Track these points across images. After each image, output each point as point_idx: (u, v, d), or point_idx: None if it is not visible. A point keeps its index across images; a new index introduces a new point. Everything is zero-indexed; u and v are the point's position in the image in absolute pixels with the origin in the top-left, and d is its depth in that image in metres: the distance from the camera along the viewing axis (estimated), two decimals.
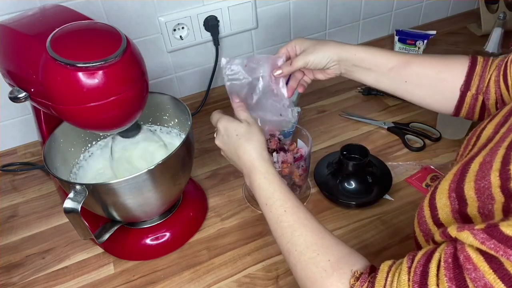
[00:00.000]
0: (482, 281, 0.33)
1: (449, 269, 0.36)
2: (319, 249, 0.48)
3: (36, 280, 0.73)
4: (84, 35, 0.57)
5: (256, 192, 0.57)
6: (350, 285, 0.44)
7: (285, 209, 0.53)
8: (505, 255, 0.32)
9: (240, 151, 0.60)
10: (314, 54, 0.71)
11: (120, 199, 0.63)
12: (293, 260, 0.50)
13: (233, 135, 0.61)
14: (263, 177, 0.57)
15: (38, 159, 0.98)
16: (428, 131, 0.92)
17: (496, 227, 0.33)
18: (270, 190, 0.56)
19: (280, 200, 0.54)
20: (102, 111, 0.56)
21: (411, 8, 1.26)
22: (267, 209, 0.55)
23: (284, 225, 0.52)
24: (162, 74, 1.07)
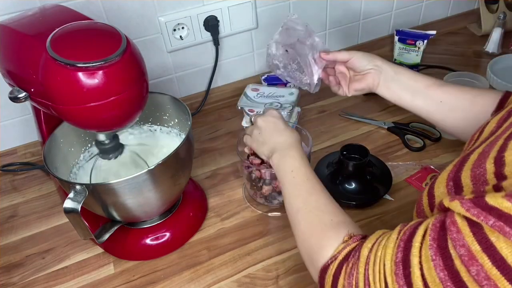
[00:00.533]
0: (461, 242, 0.36)
1: (435, 230, 0.39)
2: (326, 211, 0.55)
3: (36, 280, 0.73)
4: (84, 35, 0.57)
5: (286, 162, 0.63)
6: (343, 240, 0.50)
7: (307, 178, 0.60)
8: (485, 220, 0.34)
9: (278, 129, 0.68)
10: (360, 53, 0.78)
11: (120, 199, 0.63)
12: (300, 217, 0.56)
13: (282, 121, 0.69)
14: (298, 152, 0.63)
15: (38, 159, 0.98)
16: (428, 131, 0.92)
17: (482, 198, 0.35)
18: (299, 161, 0.62)
19: (305, 171, 0.61)
20: (102, 111, 0.56)
21: (411, 8, 1.26)
22: (290, 175, 0.61)
23: (302, 188, 0.59)
24: (162, 74, 1.07)
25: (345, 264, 0.47)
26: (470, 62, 1.15)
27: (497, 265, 0.33)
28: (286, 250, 0.73)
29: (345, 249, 0.48)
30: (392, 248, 0.43)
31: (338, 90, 0.82)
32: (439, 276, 0.37)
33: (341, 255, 0.48)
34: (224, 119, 1.04)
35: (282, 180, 0.62)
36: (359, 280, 0.44)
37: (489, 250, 0.34)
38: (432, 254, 0.38)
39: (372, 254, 0.45)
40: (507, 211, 0.33)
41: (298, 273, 0.69)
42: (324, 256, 0.50)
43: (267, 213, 0.79)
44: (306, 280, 0.68)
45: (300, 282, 0.68)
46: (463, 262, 0.35)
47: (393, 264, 0.42)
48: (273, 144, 0.66)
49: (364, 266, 0.44)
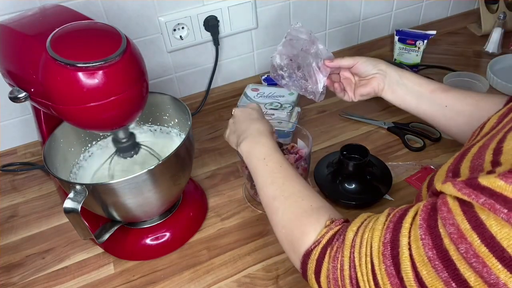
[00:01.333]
0: (451, 220, 0.36)
1: (426, 211, 0.39)
2: (304, 197, 0.54)
3: (36, 280, 0.73)
4: (84, 35, 0.57)
5: (256, 149, 0.62)
6: (325, 224, 0.49)
7: (281, 165, 0.59)
8: (476, 199, 0.34)
9: (252, 118, 0.68)
10: (364, 58, 0.78)
11: (120, 199, 0.63)
12: (278, 204, 0.55)
13: (256, 111, 0.70)
14: (270, 141, 0.63)
15: (38, 159, 0.98)
16: (428, 131, 0.92)
17: (475, 179, 0.35)
18: (271, 149, 0.61)
19: (278, 158, 0.60)
20: (102, 111, 0.56)
21: (411, 8, 1.26)
22: (263, 162, 0.60)
23: (277, 175, 0.58)
24: (162, 74, 1.07)
25: (329, 248, 0.47)
26: (470, 62, 1.15)
27: (486, 242, 0.33)
28: None
29: (328, 233, 0.48)
30: (380, 230, 0.43)
31: (343, 96, 0.82)
32: (427, 255, 0.37)
33: (324, 239, 0.48)
34: (224, 119, 1.04)
35: (254, 168, 0.61)
36: (344, 263, 0.44)
37: (478, 228, 0.34)
38: (422, 233, 0.38)
39: (358, 236, 0.45)
40: (498, 190, 0.33)
41: (298, 273, 0.69)
42: (306, 242, 0.49)
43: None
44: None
45: (300, 282, 0.68)
46: (452, 240, 0.35)
47: (381, 244, 0.42)
48: (242, 131, 0.66)
49: (350, 249, 0.44)
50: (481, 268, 0.33)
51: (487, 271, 0.33)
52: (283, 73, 0.82)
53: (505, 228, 0.32)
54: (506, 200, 0.32)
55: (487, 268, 0.33)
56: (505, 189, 0.33)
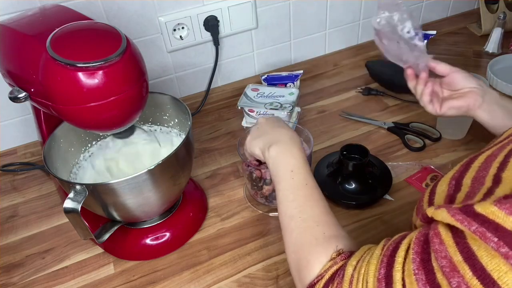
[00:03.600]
0: (443, 253, 0.35)
1: (419, 244, 0.38)
2: (320, 222, 0.53)
3: (36, 280, 0.73)
4: (84, 35, 0.57)
5: (286, 158, 0.60)
6: (331, 257, 0.48)
7: (306, 183, 0.57)
8: (468, 226, 0.33)
9: (281, 125, 0.66)
10: (462, 70, 0.73)
11: (120, 199, 0.63)
12: (294, 225, 0.54)
13: (282, 121, 0.69)
14: (301, 152, 0.60)
15: (38, 159, 0.98)
16: (428, 131, 0.92)
17: (471, 206, 0.34)
18: (300, 162, 0.59)
19: (305, 174, 0.58)
20: (102, 111, 0.56)
21: (411, 8, 1.26)
22: (290, 175, 0.58)
23: (300, 193, 0.56)
24: (162, 74, 1.07)
25: (331, 284, 0.46)
26: (470, 62, 1.15)
27: (478, 274, 0.32)
28: None
29: (332, 268, 0.47)
30: (375, 265, 0.42)
31: (427, 105, 0.75)
32: None
33: (327, 274, 0.47)
34: (224, 119, 1.04)
35: (278, 177, 0.59)
36: None
37: (470, 260, 0.33)
38: (415, 268, 0.37)
39: (356, 272, 0.44)
40: (491, 217, 0.32)
41: None
42: (311, 273, 0.48)
43: (267, 213, 0.79)
44: None
45: None
46: (445, 274, 0.34)
47: (375, 280, 0.41)
48: (272, 136, 0.63)
49: (348, 285, 0.43)
50: None
51: None
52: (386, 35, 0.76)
53: (495, 258, 0.31)
54: (497, 228, 0.31)
55: None
56: (497, 215, 0.31)
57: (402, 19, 0.72)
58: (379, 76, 1.08)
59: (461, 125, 0.90)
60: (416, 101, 1.01)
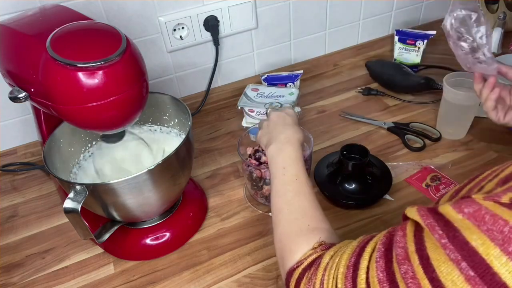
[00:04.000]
0: (401, 244, 0.38)
1: (388, 236, 0.41)
2: (306, 215, 0.55)
3: (36, 280, 0.73)
4: (84, 35, 0.57)
5: (280, 156, 0.63)
6: (313, 246, 0.51)
7: (297, 178, 0.59)
8: (425, 220, 0.36)
9: (286, 123, 0.68)
10: None
11: (120, 199, 0.63)
12: (281, 217, 0.57)
13: (291, 118, 0.70)
14: (295, 150, 0.63)
15: (38, 159, 0.98)
16: (428, 131, 0.92)
17: (436, 207, 0.37)
18: (292, 159, 0.62)
19: (296, 170, 0.60)
20: (102, 111, 0.56)
21: (411, 8, 1.26)
22: (281, 171, 0.61)
23: (289, 188, 0.59)
24: (162, 74, 1.07)
25: (308, 270, 0.48)
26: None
27: (423, 264, 0.35)
28: None
29: (312, 256, 0.49)
30: (349, 254, 0.44)
31: (490, 111, 0.73)
32: (378, 277, 0.38)
33: (307, 261, 0.49)
34: (224, 119, 1.04)
35: (272, 174, 0.62)
36: (315, 285, 0.46)
37: (420, 251, 0.35)
38: (378, 256, 0.40)
39: (331, 260, 0.46)
40: (446, 215, 0.35)
41: None
42: (293, 260, 0.51)
43: (267, 213, 0.79)
44: None
45: None
46: (397, 261, 0.37)
47: (345, 268, 0.43)
48: (273, 135, 0.66)
49: (322, 272, 0.46)
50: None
51: None
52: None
53: (437, 249, 0.34)
54: (446, 223, 0.34)
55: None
56: (450, 214, 0.34)
57: (478, 22, 0.71)
58: (379, 76, 1.08)
59: (461, 125, 0.90)
60: (416, 101, 1.02)
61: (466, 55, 0.75)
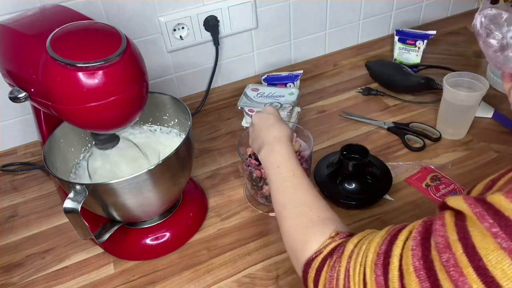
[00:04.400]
0: (441, 232, 0.37)
1: (424, 225, 0.40)
2: (313, 207, 0.55)
3: (36, 280, 0.73)
4: (84, 35, 0.57)
5: (272, 157, 0.62)
6: (330, 235, 0.50)
7: (294, 174, 0.59)
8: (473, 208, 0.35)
9: (269, 123, 0.67)
10: None
11: (120, 199, 0.63)
12: (286, 213, 0.56)
13: (273, 116, 0.68)
14: (285, 147, 0.62)
15: (38, 159, 0.98)
16: (428, 131, 0.92)
17: (484, 196, 0.36)
18: (285, 157, 0.61)
19: (291, 166, 0.60)
20: (102, 111, 0.56)
21: (411, 8, 1.26)
22: (277, 171, 0.60)
23: (288, 184, 0.58)
24: (162, 74, 1.07)
25: (329, 259, 0.47)
26: (470, 62, 1.15)
27: (467, 252, 0.34)
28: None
29: (331, 244, 0.48)
30: (377, 242, 0.44)
31: None
32: (414, 265, 0.38)
33: (326, 250, 0.48)
34: (224, 119, 1.04)
35: (269, 176, 0.61)
36: (340, 272, 0.45)
37: (464, 239, 0.35)
38: (414, 244, 0.39)
39: (357, 248, 0.45)
40: (496, 205, 0.34)
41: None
42: (309, 251, 0.50)
43: (267, 213, 0.79)
44: None
45: (300, 282, 0.67)
46: (437, 249, 0.36)
47: (375, 255, 0.42)
48: (261, 139, 0.66)
49: (347, 259, 0.45)
50: (458, 277, 0.34)
51: (463, 280, 0.34)
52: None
53: (486, 238, 0.33)
54: (497, 212, 0.34)
55: (463, 278, 0.34)
56: (501, 204, 0.34)
57: (510, 21, 0.70)
58: (379, 76, 1.08)
59: (461, 125, 0.90)
60: (416, 101, 1.02)
61: (496, 53, 0.73)
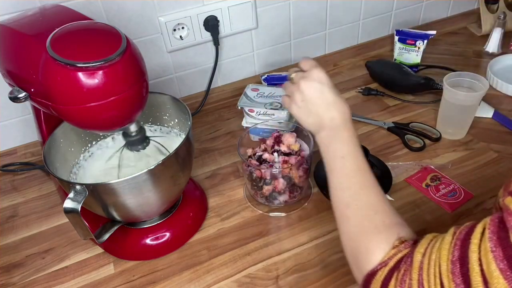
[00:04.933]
0: None
1: (494, 225, 0.39)
2: (378, 210, 0.52)
3: (36, 280, 0.73)
4: (84, 35, 0.57)
5: (335, 144, 0.58)
6: (393, 245, 0.48)
7: (359, 168, 0.56)
8: None
9: (334, 104, 0.60)
10: None
11: (120, 199, 0.63)
12: (349, 213, 0.53)
13: (329, 89, 0.60)
14: (350, 135, 0.58)
15: (38, 159, 0.98)
16: (428, 131, 0.92)
17: None
18: (351, 147, 0.57)
19: (357, 159, 0.57)
20: (102, 111, 0.56)
21: (411, 8, 1.26)
22: (341, 162, 0.57)
23: (354, 181, 0.55)
24: (162, 74, 1.07)
25: (396, 271, 0.45)
26: (470, 62, 1.15)
27: None
28: (286, 250, 0.73)
29: (396, 256, 0.47)
30: (447, 249, 0.42)
31: None
32: (498, 268, 0.36)
33: (392, 261, 0.46)
34: (224, 119, 1.04)
35: (330, 164, 0.58)
36: (413, 286, 0.43)
37: None
38: (492, 246, 0.38)
39: (425, 258, 0.43)
40: None
41: (298, 273, 0.69)
42: (372, 261, 0.48)
43: (267, 213, 0.79)
44: (306, 280, 0.68)
45: (300, 282, 0.68)
46: None
47: (449, 263, 0.41)
48: (319, 118, 0.60)
49: (418, 272, 0.43)
50: None
51: None
52: None
53: None
54: None
55: None
56: None
57: None
58: (379, 76, 1.08)
59: (461, 125, 0.90)
60: (416, 101, 1.01)
61: None
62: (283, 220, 0.78)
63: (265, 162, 0.76)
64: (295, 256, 0.71)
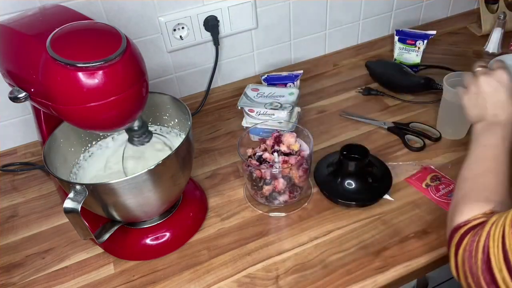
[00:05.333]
0: None
1: None
2: (491, 189, 0.57)
3: (36, 280, 0.73)
4: (84, 35, 0.57)
5: (486, 134, 0.64)
6: (484, 212, 0.54)
7: (494, 158, 0.61)
8: None
9: (505, 104, 0.64)
10: None
11: (120, 199, 0.63)
12: (463, 186, 0.60)
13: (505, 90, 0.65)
14: (503, 132, 0.63)
15: (38, 159, 0.98)
16: (428, 131, 0.92)
17: None
18: (497, 142, 0.62)
19: (496, 152, 0.61)
20: (102, 111, 0.56)
21: (411, 8, 1.26)
22: (482, 148, 0.63)
23: (484, 164, 0.61)
24: (162, 74, 1.07)
25: (472, 230, 0.52)
26: (470, 62, 1.13)
27: None
28: (286, 250, 0.73)
29: (480, 218, 0.53)
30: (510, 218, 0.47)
31: None
32: None
33: (475, 221, 0.53)
34: (224, 119, 1.04)
35: (471, 149, 0.63)
36: (482, 236, 0.50)
37: None
38: None
39: (500, 217, 0.50)
40: None
41: (298, 273, 0.69)
42: (460, 219, 0.55)
43: (267, 213, 0.79)
44: (306, 280, 0.68)
45: (300, 282, 0.68)
46: None
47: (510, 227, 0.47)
48: (484, 112, 0.66)
49: (490, 226, 0.50)
50: None
51: None
52: None
53: None
54: None
55: None
56: None
57: None
58: (379, 76, 1.08)
59: (461, 125, 0.89)
60: (416, 101, 1.01)
61: None
62: (283, 220, 0.78)
63: (265, 162, 0.76)
64: (295, 256, 0.71)
